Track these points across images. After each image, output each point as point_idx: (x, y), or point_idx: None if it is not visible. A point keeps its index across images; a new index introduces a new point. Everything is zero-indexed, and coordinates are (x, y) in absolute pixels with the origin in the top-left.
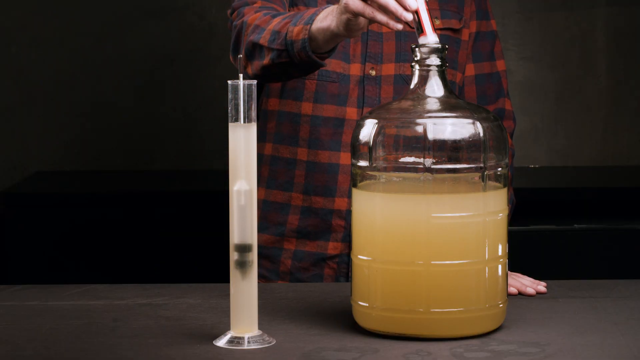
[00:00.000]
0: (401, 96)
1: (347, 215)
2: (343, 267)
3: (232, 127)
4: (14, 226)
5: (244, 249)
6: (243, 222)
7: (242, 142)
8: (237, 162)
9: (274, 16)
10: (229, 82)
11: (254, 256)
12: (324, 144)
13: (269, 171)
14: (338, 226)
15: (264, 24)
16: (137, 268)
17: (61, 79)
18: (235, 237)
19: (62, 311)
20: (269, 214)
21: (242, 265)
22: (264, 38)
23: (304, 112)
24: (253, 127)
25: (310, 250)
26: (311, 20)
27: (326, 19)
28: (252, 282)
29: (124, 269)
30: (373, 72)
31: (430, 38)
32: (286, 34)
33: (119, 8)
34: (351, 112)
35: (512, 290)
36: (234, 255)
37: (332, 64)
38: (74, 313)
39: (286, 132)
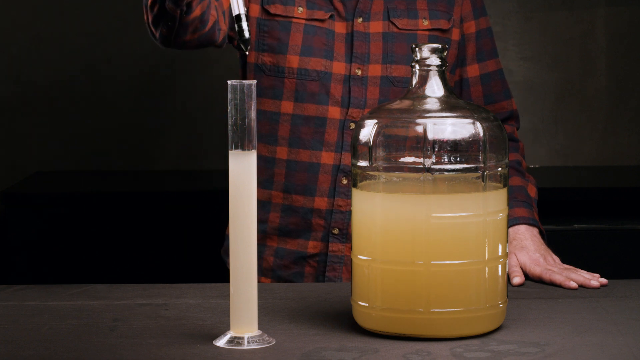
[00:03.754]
0: (401, 96)
1: (326, 214)
2: (322, 266)
3: (232, 155)
4: (14, 226)
5: None
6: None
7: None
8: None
9: None
10: (229, 82)
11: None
12: (305, 142)
13: None
14: (318, 225)
15: None
16: (137, 268)
17: (61, 79)
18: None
19: (62, 311)
20: None
21: None
22: None
23: (283, 110)
24: (253, 155)
25: (291, 249)
26: None
27: None
28: (252, 282)
29: (124, 269)
30: (359, 72)
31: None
32: None
33: (119, 8)
34: (334, 111)
35: (573, 284)
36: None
37: (312, 62)
38: (74, 313)
39: (263, 131)
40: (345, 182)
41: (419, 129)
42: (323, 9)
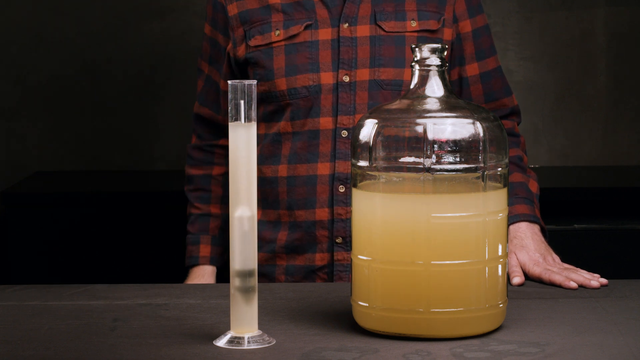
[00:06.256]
0: (401, 96)
1: (329, 225)
2: (332, 277)
3: (232, 126)
4: (14, 226)
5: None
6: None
7: (243, 141)
8: (238, 161)
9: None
10: (229, 82)
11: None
12: (301, 157)
13: (260, 192)
14: (322, 237)
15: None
16: (137, 268)
17: (61, 79)
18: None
19: (62, 311)
20: (262, 232)
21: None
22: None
23: (283, 130)
24: (253, 127)
25: (300, 264)
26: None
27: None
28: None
29: (124, 269)
30: (347, 79)
31: None
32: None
33: (119, 8)
34: (325, 122)
35: (573, 284)
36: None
37: (299, 80)
38: (74, 313)
39: (268, 153)
40: (342, 190)
41: (419, 129)
42: (299, 22)
